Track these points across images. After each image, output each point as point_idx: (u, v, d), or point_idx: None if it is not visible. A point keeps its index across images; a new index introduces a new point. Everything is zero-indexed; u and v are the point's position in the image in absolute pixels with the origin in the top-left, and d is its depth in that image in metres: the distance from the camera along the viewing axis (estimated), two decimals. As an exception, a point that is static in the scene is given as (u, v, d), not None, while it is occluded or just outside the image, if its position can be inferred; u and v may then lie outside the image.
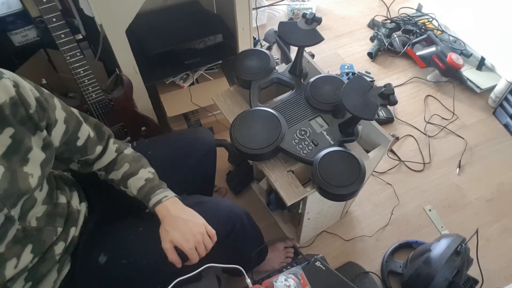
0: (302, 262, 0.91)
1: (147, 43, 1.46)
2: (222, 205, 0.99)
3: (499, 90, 1.86)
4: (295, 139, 1.01)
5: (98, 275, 0.85)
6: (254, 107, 1.07)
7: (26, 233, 0.71)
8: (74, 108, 0.83)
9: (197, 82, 1.60)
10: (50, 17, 1.04)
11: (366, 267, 1.41)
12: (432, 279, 1.21)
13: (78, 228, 0.85)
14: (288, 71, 1.17)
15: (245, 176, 1.61)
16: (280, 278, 0.80)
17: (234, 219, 0.98)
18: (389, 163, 1.73)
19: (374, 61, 2.17)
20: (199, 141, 1.10)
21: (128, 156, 0.91)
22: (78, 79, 1.19)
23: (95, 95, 1.25)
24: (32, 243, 0.73)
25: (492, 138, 1.82)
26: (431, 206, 1.59)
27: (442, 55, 1.94)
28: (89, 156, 0.86)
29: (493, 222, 1.54)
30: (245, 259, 1.12)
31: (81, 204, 0.89)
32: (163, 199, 0.84)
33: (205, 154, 1.11)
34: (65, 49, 1.12)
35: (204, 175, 1.17)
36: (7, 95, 0.63)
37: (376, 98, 0.92)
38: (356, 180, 0.92)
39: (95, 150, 0.86)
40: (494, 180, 1.67)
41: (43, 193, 0.76)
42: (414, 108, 1.94)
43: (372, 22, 2.35)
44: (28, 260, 0.72)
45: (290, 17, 2.39)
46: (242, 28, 1.46)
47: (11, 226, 0.68)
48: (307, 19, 1.07)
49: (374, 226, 1.54)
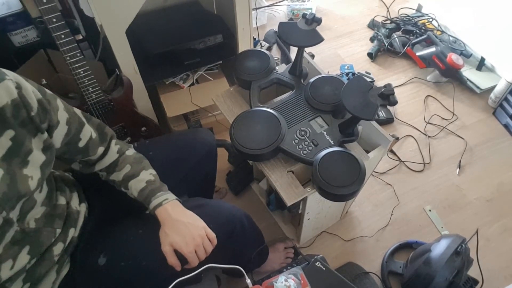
0: (302, 262, 0.91)
1: (147, 43, 1.46)
2: (223, 208, 0.99)
3: (499, 91, 1.86)
4: (295, 140, 1.01)
5: (97, 276, 0.85)
6: (254, 108, 1.07)
7: (24, 234, 0.71)
8: (77, 109, 0.82)
9: (197, 83, 1.60)
10: (50, 17, 1.04)
11: (366, 267, 1.41)
12: (432, 279, 1.21)
13: (77, 229, 0.85)
14: (288, 72, 1.17)
15: (245, 176, 1.61)
16: (280, 278, 0.80)
17: (234, 222, 0.98)
18: (389, 163, 1.73)
19: (374, 61, 2.17)
20: (200, 142, 1.10)
21: (129, 157, 0.91)
22: (78, 79, 1.19)
23: (95, 95, 1.25)
24: (30, 244, 0.72)
25: (492, 138, 1.82)
26: (431, 206, 1.59)
27: (442, 56, 1.95)
28: (91, 157, 0.86)
29: (493, 222, 1.54)
30: (245, 260, 1.12)
31: (81, 205, 0.89)
32: (163, 202, 0.84)
33: (206, 155, 1.11)
34: (65, 50, 1.12)
35: (205, 176, 1.17)
36: (9, 97, 0.63)
37: (376, 99, 0.92)
38: (356, 181, 0.92)
39: (97, 151, 0.86)
40: (494, 180, 1.67)
41: (42, 195, 0.76)
42: (414, 108, 1.95)
43: (372, 22, 2.35)
44: (25, 262, 0.72)
45: (290, 17, 2.39)
46: (242, 28, 1.46)
47: (9, 228, 0.67)
48: (307, 19, 1.07)
49: (374, 226, 1.54)
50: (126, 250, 0.86)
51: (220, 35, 1.50)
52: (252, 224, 1.10)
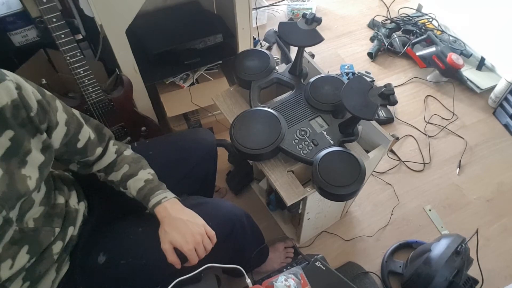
0: (302, 262, 0.91)
1: (147, 43, 1.46)
2: (222, 206, 0.99)
3: (499, 90, 1.86)
4: (295, 139, 1.01)
5: (97, 275, 0.85)
6: (254, 107, 1.07)
7: (23, 234, 0.71)
8: (76, 110, 0.83)
9: (197, 82, 1.60)
10: (50, 17, 1.04)
11: (366, 267, 1.41)
12: (432, 279, 1.21)
13: (76, 227, 0.85)
14: (288, 71, 1.17)
15: (245, 176, 1.61)
16: (280, 278, 0.80)
17: (234, 220, 0.98)
18: (389, 163, 1.73)
19: (374, 61, 2.17)
20: (200, 142, 1.10)
21: (127, 157, 0.91)
22: (78, 79, 1.19)
23: (95, 95, 1.25)
24: (29, 244, 0.72)
25: (492, 138, 1.82)
26: (431, 206, 1.59)
27: (442, 55, 1.94)
28: (89, 158, 0.86)
29: (493, 222, 1.54)
30: (245, 259, 1.12)
31: (80, 204, 0.89)
32: (162, 200, 0.84)
33: (206, 155, 1.11)
34: (65, 49, 1.12)
35: (205, 175, 1.17)
36: (9, 98, 0.63)
37: (376, 98, 0.92)
38: (356, 180, 0.92)
39: (95, 152, 0.86)
40: (494, 180, 1.67)
41: (40, 194, 0.76)
42: (414, 108, 1.94)
43: (372, 22, 2.35)
44: (24, 261, 0.72)
45: (290, 17, 2.39)
46: (242, 28, 1.46)
47: (9, 228, 0.68)
48: (307, 19, 1.07)
49: (374, 226, 1.54)
50: (125, 248, 0.86)
51: (220, 35, 1.50)
52: (252, 223, 1.10)
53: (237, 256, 1.08)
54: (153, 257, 0.83)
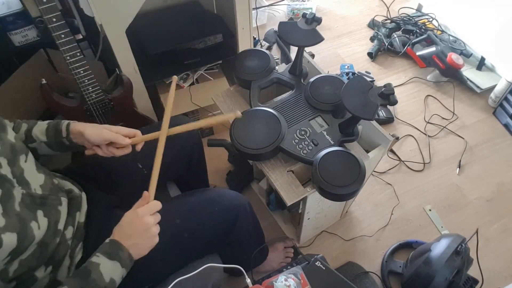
0: (302, 262, 0.91)
1: (147, 43, 1.46)
2: (227, 192, 1.03)
3: (499, 90, 1.86)
4: (295, 139, 1.01)
5: None
6: (254, 107, 1.08)
7: (32, 198, 0.73)
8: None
9: (197, 82, 1.60)
10: (50, 17, 1.04)
11: (366, 267, 1.41)
12: (432, 279, 1.21)
13: (82, 213, 0.87)
14: (288, 71, 1.17)
15: (245, 176, 1.61)
16: (280, 278, 0.80)
17: (238, 206, 1.01)
18: (389, 163, 1.73)
19: (374, 61, 2.17)
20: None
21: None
22: (78, 79, 1.19)
23: (95, 95, 1.26)
24: (42, 209, 0.75)
25: (492, 138, 1.82)
26: (431, 206, 1.59)
27: (442, 55, 1.94)
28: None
29: (493, 222, 1.54)
30: (245, 258, 1.12)
31: (82, 193, 0.91)
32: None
33: (187, 138, 1.11)
34: (65, 49, 1.12)
35: (189, 160, 1.17)
36: None
37: (376, 98, 0.92)
38: (356, 180, 0.92)
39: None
40: (494, 180, 1.67)
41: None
42: (414, 108, 1.94)
43: (372, 22, 2.35)
44: (45, 224, 0.74)
45: (290, 17, 2.39)
46: (242, 28, 1.46)
47: (10, 187, 0.69)
48: (307, 19, 1.07)
49: (374, 226, 1.54)
50: None
51: (220, 35, 1.50)
52: (253, 212, 1.13)
53: (238, 252, 1.09)
54: (152, 252, 0.84)
